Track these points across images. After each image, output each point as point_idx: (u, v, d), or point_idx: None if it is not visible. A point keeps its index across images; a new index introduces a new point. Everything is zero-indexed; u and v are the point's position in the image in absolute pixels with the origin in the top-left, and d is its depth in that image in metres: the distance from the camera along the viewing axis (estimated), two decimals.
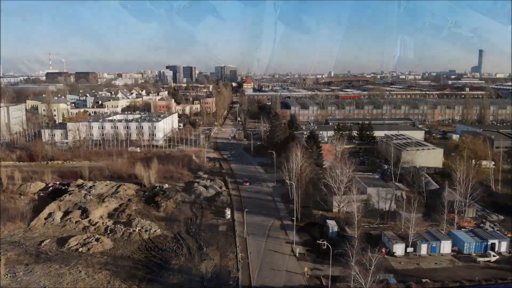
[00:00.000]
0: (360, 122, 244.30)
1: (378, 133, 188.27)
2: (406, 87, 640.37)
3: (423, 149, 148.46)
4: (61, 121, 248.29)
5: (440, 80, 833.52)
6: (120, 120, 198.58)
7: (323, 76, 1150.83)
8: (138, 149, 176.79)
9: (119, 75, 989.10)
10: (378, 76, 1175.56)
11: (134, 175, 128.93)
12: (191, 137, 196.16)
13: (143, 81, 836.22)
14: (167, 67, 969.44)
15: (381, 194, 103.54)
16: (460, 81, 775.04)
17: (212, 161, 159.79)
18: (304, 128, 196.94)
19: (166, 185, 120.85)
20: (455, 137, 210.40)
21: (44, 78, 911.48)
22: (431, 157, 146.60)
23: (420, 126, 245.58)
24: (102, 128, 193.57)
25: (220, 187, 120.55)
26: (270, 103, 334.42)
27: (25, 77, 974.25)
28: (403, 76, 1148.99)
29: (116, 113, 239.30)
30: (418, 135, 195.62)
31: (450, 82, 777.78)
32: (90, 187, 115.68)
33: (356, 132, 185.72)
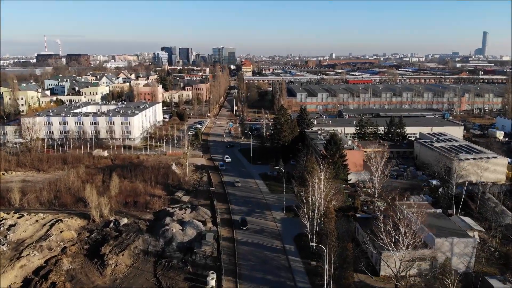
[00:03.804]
0: (381, 113, 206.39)
1: (408, 130, 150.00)
2: (416, 70, 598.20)
3: (482, 158, 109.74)
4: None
5: (447, 63, 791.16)
6: (86, 115, 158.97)
7: (325, 58, 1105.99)
8: (105, 153, 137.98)
9: (113, 57, 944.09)
10: (381, 58, 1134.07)
11: (84, 199, 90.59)
12: (177, 133, 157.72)
13: (137, 63, 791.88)
14: (162, 49, 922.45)
15: (456, 247, 65.59)
16: (469, 64, 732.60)
17: (199, 171, 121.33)
18: (315, 122, 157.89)
19: (125, 220, 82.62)
20: (499, 134, 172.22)
21: (34, 60, 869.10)
22: (493, 169, 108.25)
23: (450, 118, 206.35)
24: (64, 124, 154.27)
25: (204, 222, 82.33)
26: (271, 89, 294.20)
27: (15, 60, 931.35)
28: (407, 59, 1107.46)
29: (88, 104, 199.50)
30: (457, 132, 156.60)
31: (458, 64, 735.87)
32: (10, 227, 77.31)
33: (383, 128, 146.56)
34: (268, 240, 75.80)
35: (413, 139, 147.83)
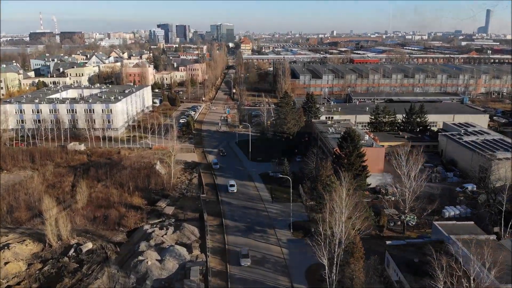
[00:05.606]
0: (393, 98, 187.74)
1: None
2: (421, 48, 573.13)
3: None
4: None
5: (452, 41, 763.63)
6: (63, 101, 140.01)
7: (326, 35, 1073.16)
8: (81, 146, 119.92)
9: (108, 35, 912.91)
10: (384, 36, 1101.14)
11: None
12: (168, 121, 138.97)
13: (132, 41, 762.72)
14: (159, 26, 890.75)
15: None
16: (474, 43, 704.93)
17: (189, 170, 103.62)
18: (322, 110, 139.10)
19: (90, 245, 65.16)
20: None
21: (28, 39, 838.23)
22: None
23: (468, 103, 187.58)
24: (38, 112, 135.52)
25: (190, 247, 64.98)
26: (272, 69, 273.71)
27: (8, 39, 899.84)
28: (409, 37, 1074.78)
29: (69, 87, 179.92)
30: (482, 121, 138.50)
31: (463, 43, 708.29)
32: None
33: (402, 117, 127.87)
34: (271, 277, 58.38)
35: (434, 129, 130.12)
